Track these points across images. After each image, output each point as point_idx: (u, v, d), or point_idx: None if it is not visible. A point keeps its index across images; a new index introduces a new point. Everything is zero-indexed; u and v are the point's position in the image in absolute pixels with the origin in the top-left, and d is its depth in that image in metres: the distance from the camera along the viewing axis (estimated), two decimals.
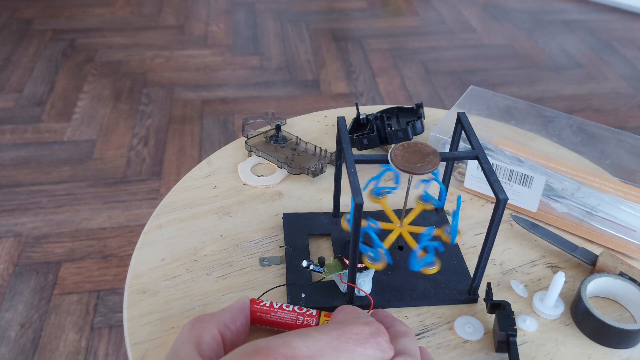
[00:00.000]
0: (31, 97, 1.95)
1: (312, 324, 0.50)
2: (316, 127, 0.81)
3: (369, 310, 0.54)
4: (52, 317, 1.23)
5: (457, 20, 2.59)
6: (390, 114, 0.80)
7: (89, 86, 2.02)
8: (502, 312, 0.52)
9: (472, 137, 0.53)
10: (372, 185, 0.57)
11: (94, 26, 2.42)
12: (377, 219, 0.57)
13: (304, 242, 0.61)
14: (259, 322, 0.50)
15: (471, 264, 0.60)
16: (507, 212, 0.68)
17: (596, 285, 0.56)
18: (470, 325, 0.54)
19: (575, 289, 0.58)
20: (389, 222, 0.57)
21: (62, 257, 1.37)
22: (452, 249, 0.61)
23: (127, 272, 1.33)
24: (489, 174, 0.48)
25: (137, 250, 0.61)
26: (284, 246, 0.61)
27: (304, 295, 0.55)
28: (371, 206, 0.65)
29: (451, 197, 0.70)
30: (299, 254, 0.60)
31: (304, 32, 2.43)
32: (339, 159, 0.58)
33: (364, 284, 0.55)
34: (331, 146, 0.77)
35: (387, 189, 0.58)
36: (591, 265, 0.59)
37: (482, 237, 0.64)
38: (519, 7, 2.74)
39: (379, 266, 0.52)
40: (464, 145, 0.67)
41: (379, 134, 0.71)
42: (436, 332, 0.54)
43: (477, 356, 0.52)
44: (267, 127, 0.78)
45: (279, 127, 0.76)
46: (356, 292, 0.55)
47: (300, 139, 0.75)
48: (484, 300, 0.55)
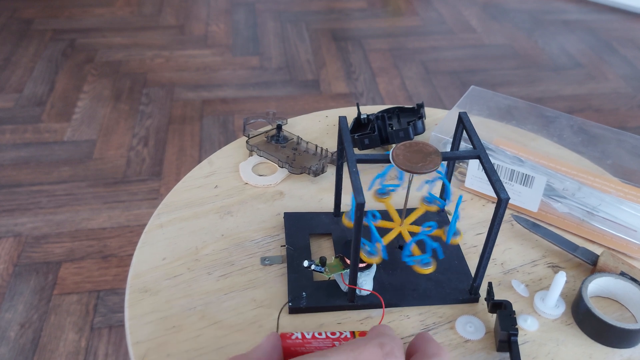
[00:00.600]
0: (31, 97, 1.95)
1: None
2: (317, 127, 0.81)
3: (381, 317, 0.54)
4: (52, 317, 1.23)
5: (457, 20, 2.60)
6: (391, 114, 0.80)
7: (89, 86, 2.02)
8: (503, 311, 0.52)
9: (473, 137, 0.53)
10: (377, 183, 0.57)
11: (94, 26, 2.42)
12: (379, 217, 0.57)
13: (305, 241, 0.61)
14: (294, 355, 0.47)
15: (472, 264, 0.60)
16: (508, 212, 0.68)
17: (597, 285, 0.56)
18: (471, 324, 0.54)
19: (576, 288, 0.58)
20: (390, 221, 0.57)
21: (62, 257, 1.37)
22: (453, 249, 0.61)
23: (127, 272, 1.33)
24: (491, 173, 0.49)
25: (138, 249, 0.61)
26: (285, 245, 0.61)
27: (305, 294, 0.55)
28: (375, 206, 0.65)
29: (453, 197, 0.70)
30: (300, 254, 0.60)
31: (304, 32, 2.43)
32: (340, 158, 0.58)
33: (365, 283, 0.55)
34: (332, 146, 0.77)
35: (391, 187, 0.58)
36: (592, 265, 0.59)
37: (483, 236, 0.64)
38: (519, 7, 2.74)
39: (374, 260, 0.52)
40: (464, 145, 0.67)
41: (380, 134, 0.71)
42: (437, 331, 0.54)
43: (479, 356, 0.52)
44: (268, 127, 0.78)
45: (280, 127, 0.76)
46: (357, 291, 0.55)
47: (301, 139, 0.75)
48: (485, 299, 0.55)
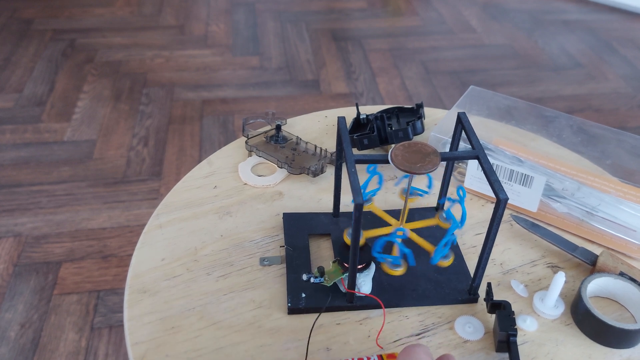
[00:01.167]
0: (31, 97, 1.95)
1: None
2: (316, 127, 0.81)
3: (382, 318, 0.54)
4: (52, 317, 1.23)
5: (457, 20, 2.59)
6: (390, 114, 0.80)
7: (89, 86, 2.02)
8: (502, 311, 0.52)
9: (472, 137, 0.53)
10: (405, 182, 0.57)
11: (94, 26, 2.42)
12: (374, 225, 0.57)
13: (304, 242, 0.61)
14: None
15: (471, 264, 0.60)
16: (507, 212, 0.68)
17: (596, 285, 0.56)
18: (470, 325, 0.54)
19: (575, 289, 0.58)
20: (387, 225, 0.57)
21: (62, 257, 1.37)
22: (453, 249, 0.61)
23: (127, 272, 1.33)
24: (490, 173, 0.49)
25: (137, 250, 0.61)
26: (284, 246, 0.61)
27: (304, 295, 0.55)
28: (396, 205, 0.66)
29: (452, 195, 0.70)
30: (299, 254, 0.60)
31: (304, 32, 2.43)
32: (340, 158, 0.58)
33: (364, 284, 0.55)
34: (331, 146, 0.77)
35: (370, 193, 0.58)
36: (591, 265, 0.59)
37: (483, 237, 0.64)
38: (519, 7, 2.74)
39: (400, 271, 0.53)
40: (464, 145, 0.67)
41: (379, 134, 0.71)
42: (436, 331, 0.54)
43: (478, 356, 0.52)
44: (268, 127, 0.78)
45: (279, 127, 0.76)
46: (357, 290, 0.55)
47: (300, 139, 0.75)
48: (485, 300, 0.55)
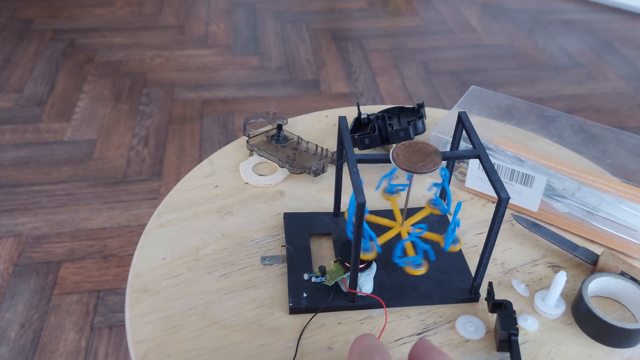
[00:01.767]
0: (31, 97, 1.95)
1: None
2: (317, 127, 0.81)
3: (384, 318, 0.54)
4: (52, 317, 1.23)
5: (457, 20, 2.59)
6: (391, 114, 0.80)
7: (89, 86, 2.02)
8: (503, 311, 0.52)
9: (473, 136, 0.53)
10: (385, 183, 0.57)
11: (94, 26, 2.42)
12: (383, 216, 0.57)
13: (305, 241, 0.61)
14: None
15: (472, 264, 0.60)
16: (508, 211, 0.68)
17: (597, 284, 0.56)
18: (471, 324, 0.54)
19: (576, 288, 0.58)
20: (392, 220, 0.57)
21: (62, 257, 1.37)
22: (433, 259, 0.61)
23: (127, 272, 1.33)
24: (491, 172, 0.49)
25: (138, 249, 0.61)
26: (285, 245, 0.61)
27: (305, 294, 0.55)
28: (381, 205, 0.65)
29: (453, 196, 0.70)
30: (300, 254, 0.60)
31: (304, 32, 2.43)
32: (341, 158, 0.58)
33: (366, 284, 0.55)
34: (332, 146, 0.77)
35: (400, 186, 0.58)
36: (592, 264, 0.59)
37: (484, 236, 0.64)
38: (519, 7, 2.74)
39: (370, 256, 0.52)
40: (465, 145, 0.67)
41: (380, 134, 0.71)
42: (438, 331, 0.54)
43: (479, 355, 0.52)
44: (269, 127, 0.78)
45: (280, 127, 0.76)
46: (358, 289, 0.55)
47: (301, 139, 0.76)
48: (486, 299, 0.55)
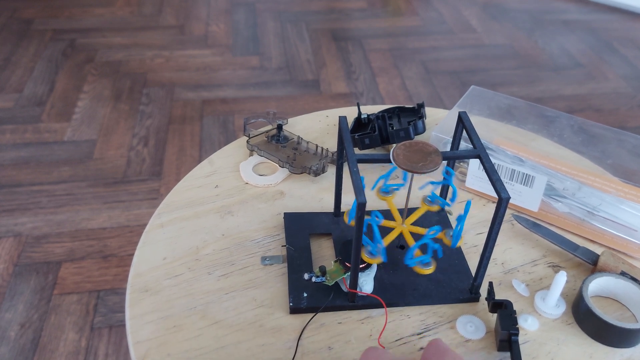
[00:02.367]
0: (31, 97, 1.95)
1: None
2: (317, 127, 0.81)
3: (384, 318, 0.54)
4: (52, 317, 1.23)
5: (457, 20, 2.59)
6: (391, 114, 0.80)
7: (89, 86, 2.02)
8: (504, 311, 0.52)
9: (473, 136, 0.53)
10: (381, 183, 0.57)
11: (94, 26, 2.42)
12: (382, 218, 0.57)
13: (305, 241, 0.61)
14: None
15: (473, 263, 0.60)
16: (508, 211, 0.68)
17: (597, 284, 0.56)
18: (472, 324, 0.54)
19: (576, 288, 0.58)
20: (392, 221, 0.57)
21: (62, 257, 1.37)
22: (454, 249, 0.61)
23: (127, 272, 1.33)
24: (491, 172, 0.49)
25: (139, 249, 0.61)
26: (285, 245, 0.61)
27: (305, 294, 0.55)
28: (377, 205, 0.65)
29: (459, 198, 0.70)
30: (300, 253, 0.60)
31: (304, 32, 2.43)
32: (341, 158, 0.58)
33: (366, 284, 0.55)
34: (332, 146, 0.77)
35: (395, 186, 0.58)
36: (592, 264, 0.59)
37: (484, 236, 0.64)
38: (519, 7, 2.74)
39: (375, 261, 0.52)
40: (465, 145, 0.67)
41: (381, 134, 0.71)
42: (438, 331, 0.54)
43: (479, 355, 0.52)
44: (269, 127, 0.78)
45: (280, 127, 0.76)
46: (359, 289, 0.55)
47: (301, 139, 0.75)
48: (486, 299, 0.55)
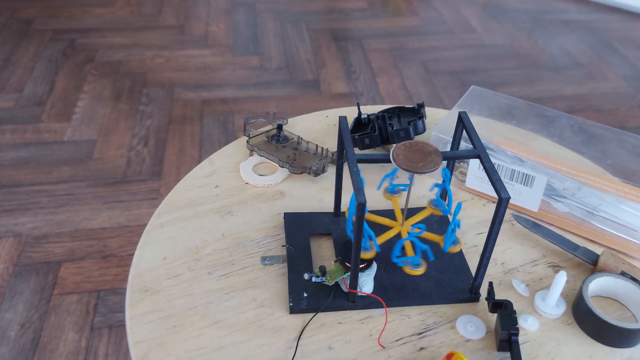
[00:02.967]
0: (31, 97, 1.95)
1: None
2: (317, 127, 0.81)
3: (385, 318, 0.54)
4: (52, 317, 1.23)
5: (457, 20, 2.59)
6: (391, 114, 0.80)
7: (89, 86, 2.02)
8: (504, 311, 0.52)
9: (473, 136, 0.53)
10: (386, 182, 0.57)
11: (94, 26, 2.42)
12: (383, 216, 0.57)
13: (305, 241, 0.61)
14: None
15: (473, 263, 0.60)
16: (508, 211, 0.68)
17: (597, 284, 0.56)
18: (472, 324, 0.54)
19: (576, 288, 0.58)
20: (393, 220, 0.57)
21: (62, 257, 1.37)
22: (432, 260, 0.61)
23: (127, 272, 1.33)
24: (491, 172, 0.49)
25: (139, 249, 0.61)
26: (285, 245, 0.61)
27: (305, 294, 0.55)
28: (382, 205, 0.65)
29: (453, 196, 0.70)
30: (300, 253, 0.60)
31: (304, 32, 2.43)
32: (341, 158, 0.58)
33: (366, 283, 0.55)
34: (332, 146, 0.77)
35: (402, 186, 0.58)
36: (592, 264, 0.59)
37: (484, 236, 0.64)
38: (519, 7, 2.74)
39: (369, 255, 0.52)
40: (465, 145, 0.67)
41: (381, 134, 0.71)
42: (438, 331, 0.54)
43: (479, 355, 0.52)
44: (269, 127, 0.78)
45: (280, 127, 0.76)
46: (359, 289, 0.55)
47: (301, 139, 0.75)
48: (486, 299, 0.55)
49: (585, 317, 0.54)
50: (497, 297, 0.56)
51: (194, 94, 2.00)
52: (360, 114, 0.79)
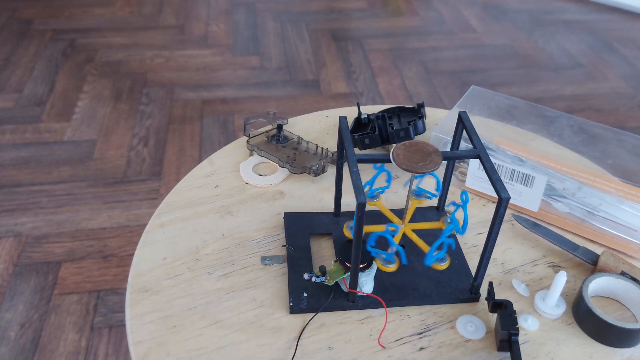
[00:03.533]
0: (31, 97, 1.95)
1: None
2: (317, 127, 0.81)
3: (385, 318, 0.54)
4: (52, 317, 1.23)
5: (457, 20, 2.59)
6: (391, 114, 0.80)
7: (89, 86, 2.02)
8: (504, 311, 0.52)
9: (473, 136, 0.53)
10: (366, 189, 0.57)
11: (94, 26, 2.42)
12: (377, 221, 0.57)
13: (305, 241, 0.61)
14: None
15: (473, 264, 0.60)
16: (508, 211, 0.68)
17: (597, 284, 0.56)
18: (472, 324, 0.54)
19: (576, 288, 0.58)
20: (390, 224, 0.57)
21: (62, 257, 1.37)
22: (451, 252, 0.61)
23: (127, 272, 1.33)
24: (491, 172, 0.49)
25: (139, 249, 0.61)
26: (285, 245, 0.61)
27: (305, 294, 0.55)
28: (367, 209, 0.65)
29: (453, 196, 0.70)
30: (300, 253, 0.60)
31: (304, 32, 2.43)
32: (341, 158, 0.58)
33: (366, 284, 0.55)
34: (332, 146, 0.77)
35: (379, 190, 0.58)
36: (592, 264, 0.59)
37: (484, 236, 0.64)
38: (519, 7, 2.74)
39: (392, 268, 0.52)
40: (465, 145, 0.67)
41: (381, 134, 0.71)
42: (438, 331, 0.54)
43: (479, 355, 0.52)
44: (269, 127, 0.78)
45: (280, 127, 0.76)
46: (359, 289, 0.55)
47: (301, 139, 0.75)
48: (486, 299, 0.55)
49: (585, 317, 0.54)
50: (497, 297, 0.56)
51: (194, 94, 2.00)
52: (360, 114, 0.79)
